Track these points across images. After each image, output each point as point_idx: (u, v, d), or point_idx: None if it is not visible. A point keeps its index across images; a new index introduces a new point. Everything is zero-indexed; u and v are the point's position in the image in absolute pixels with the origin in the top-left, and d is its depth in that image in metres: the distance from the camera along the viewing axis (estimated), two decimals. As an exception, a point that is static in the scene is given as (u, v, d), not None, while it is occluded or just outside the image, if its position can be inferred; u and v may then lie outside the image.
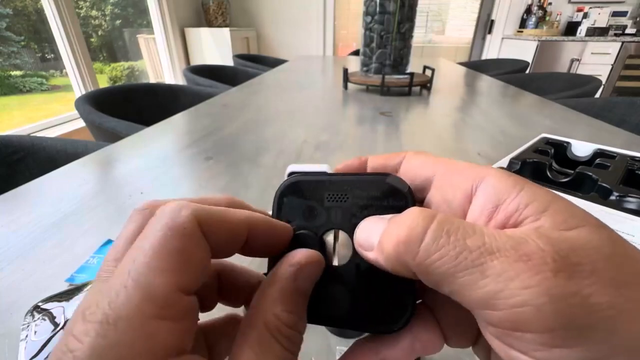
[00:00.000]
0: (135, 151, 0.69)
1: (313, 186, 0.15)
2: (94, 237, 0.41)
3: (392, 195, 0.14)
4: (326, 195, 0.15)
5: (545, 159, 0.35)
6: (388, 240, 0.12)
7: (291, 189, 0.16)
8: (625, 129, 0.82)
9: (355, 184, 0.15)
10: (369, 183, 0.14)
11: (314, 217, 0.15)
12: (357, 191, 0.15)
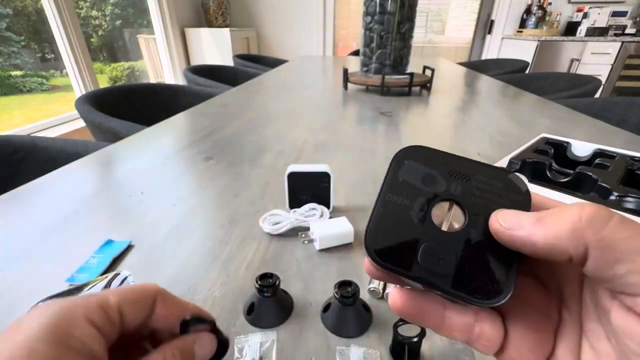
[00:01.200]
0: (135, 151, 0.69)
1: (440, 158, 0.17)
2: (94, 237, 0.41)
3: (512, 190, 0.15)
4: (449, 170, 0.16)
5: (545, 159, 0.35)
6: (561, 218, 0.12)
7: (417, 154, 0.17)
8: (625, 129, 0.82)
9: (480, 169, 0.16)
10: (493, 173, 0.16)
11: (433, 184, 0.16)
12: (480, 176, 0.16)
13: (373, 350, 0.28)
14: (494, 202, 0.15)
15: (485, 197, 0.16)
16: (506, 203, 0.15)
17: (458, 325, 0.15)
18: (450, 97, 1.20)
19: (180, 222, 0.45)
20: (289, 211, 0.44)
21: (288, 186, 0.45)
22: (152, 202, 0.49)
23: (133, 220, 0.45)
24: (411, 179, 0.17)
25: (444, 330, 0.16)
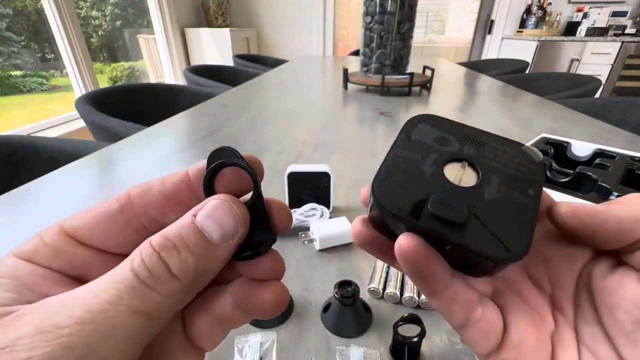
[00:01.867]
0: (135, 151, 0.69)
1: (454, 125, 0.17)
2: (94, 237, 0.41)
3: (526, 159, 0.16)
4: (463, 136, 0.17)
5: (545, 159, 0.35)
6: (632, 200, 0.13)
7: (430, 119, 0.17)
8: (625, 129, 0.82)
9: (493, 138, 0.17)
10: (506, 142, 0.17)
11: (447, 145, 0.16)
12: (494, 144, 0.17)
13: (373, 350, 0.28)
14: (508, 167, 0.16)
15: (498, 161, 0.16)
16: (521, 170, 0.15)
17: (462, 297, 0.14)
18: (450, 97, 1.20)
19: (180, 222, 0.45)
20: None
21: (288, 186, 0.45)
22: (152, 202, 0.49)
23: (133, 220, 0.45)
24: (424, 139, 0.16)
25: (444, 298, 0.14)
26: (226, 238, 0.12)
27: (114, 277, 0.11)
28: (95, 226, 0.13)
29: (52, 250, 0.13)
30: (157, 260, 0.11)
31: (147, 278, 0.11)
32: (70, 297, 0.11)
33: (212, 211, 0.12)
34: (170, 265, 0.11)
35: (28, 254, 0.13)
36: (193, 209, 0.13)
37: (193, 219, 0.12)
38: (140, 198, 0.14)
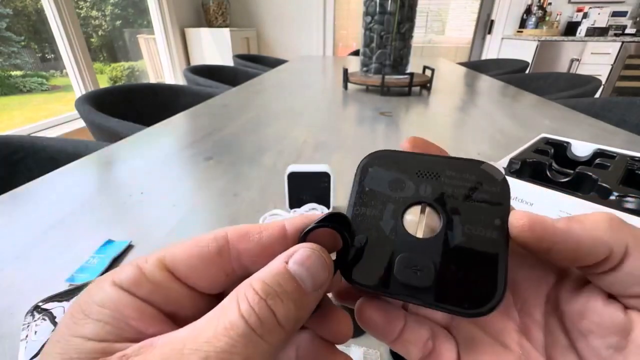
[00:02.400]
0: (135, 151, 0.69)
1: (403, 160, 0.15)
2: (94, 237, 0.41)
3: (487, 181, 0.14)
4: (416, 171, 0.15)
5: (545, 159, 0.35)
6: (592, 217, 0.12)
7: (380, 160, 0.16)
8: (625, 129, 0.82)
9: (449, 165, 0.15)
10: (463, 166, 0.15)
11: (401, 189, 0.15)
12: (450, 172, 0.15)
13: (373, 350, 0.28)
14: (469, 198, 0.14)
15: (458, 192, 0.14)
16: (484, 196, 0.14)
17: (415, 338, 0.14)
18: (450, 97, 1.20)
19: (180, 222, 0.45)
20: (289, 211, 0.44)
21: (288, 186, 0.45)
22: (152, 202, 0.49)
23: (133, 220, 0.45)
24: (378, 186, 0.15)
25: (400, 343, 0.15)
26: (316, 287, 0.12)
27: (222, 322, 0.10)
28: (194, 264, 0.13)
29: (153, 285, 0.13)
30: (266, 308, 0.11)
31: (257, 326, 0.11)
32: (178, 341, 0.10)
33: (304, 259, 0.12)
34: (276, 314, 0.11)
35: (129, 285, 0.12)
36: (282, 255, 0.13)
37: (285, 266, 0.12)
38: (237, 243, 0.14)
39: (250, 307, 0.11)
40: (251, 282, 0.12)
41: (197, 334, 0.10)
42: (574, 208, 0.28)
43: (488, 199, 0.14)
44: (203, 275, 0.13)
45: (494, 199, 0.14)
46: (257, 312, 0.11)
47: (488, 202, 0.14)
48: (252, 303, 0.11)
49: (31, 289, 0.33)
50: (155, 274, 0.13)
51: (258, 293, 0.11)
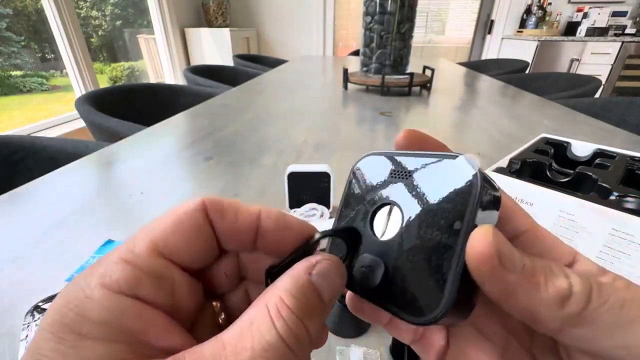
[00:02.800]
0: (135, 151, 0.69)
1: (384, 161, 0.15)
2: (94, 237, 0.41)
3: (457, 177, 0.12)
4: (390, 171, 0.15)
5: (545, 159, 0.35)
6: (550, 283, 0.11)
7: (365, 162, 0.16)
8: (625, 129, 0.82)
9: (423, 162, 0.14)
10: (436, 161, 0.13)
11: (376, 190, 0.15)
12: (422, 169, 0.14)
13: (373, 350, 0.28)
14: (433, 197, 0.13)
15: (424, 192, 0.13)
16: (449, 196, 0.12)
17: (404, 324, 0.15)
18: (450, 97, 1.20)
19: (180, 222, 0.45)
20: (289, 211, 0.44)
21: (288, 186, 0.45)
22: (152, 202, 0.49)
23: (133, 220, 0.45)
24: (360, 189, 0.16)
25: (393, 328, 0.15)
26: (333, 299, 0.12)
27: (259, 342, 0.10)
28: (186, 242, 0.12)
29: (155, 279, 0.11)
30: (302, 327, 0.11)
31: (295, 346, 0.10)
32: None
33: (326, 271, 0.12)
34: (309, 331, 0.11)
35: (128, 287, 0.10)
36: (304, 265, 0.12)
37: (310, 278, 0.12)
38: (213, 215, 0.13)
39: (287, 327, 0.10)
40: (281, 296, 0.11)
41: (232, 353, 0.10)
42: (574, 208, 0.28)
43: (452, 197, 0.12)
44: (195, 252, 0.12)
45: (458, 198, 0.12)
46: (294, 332, 0.10)
47: (451, 202, 0.12)
48: (290, 322, 0.10)
49: (31, 289, 0.33)
50: (153, 265, 0.11)
51: (293, 311, 0.11)
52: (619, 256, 0.26)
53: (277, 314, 0.10)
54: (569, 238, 0.29)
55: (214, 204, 0.13)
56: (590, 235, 0.27)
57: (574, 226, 0.28)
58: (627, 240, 0.25)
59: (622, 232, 0.25)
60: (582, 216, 0.27)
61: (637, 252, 0.25)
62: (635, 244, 0.25)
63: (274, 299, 0.11)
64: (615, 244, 0.26)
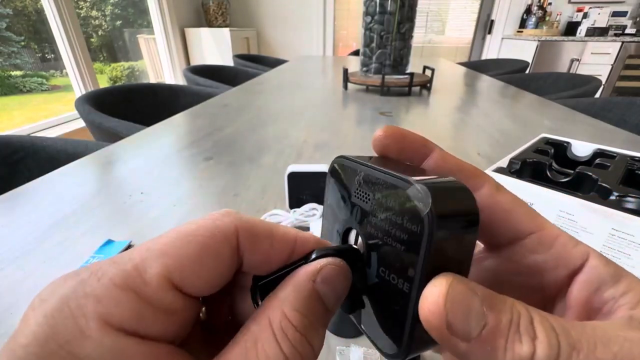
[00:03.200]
0: (135, 151, 0.69)
1: (350, 174, 0.14)
2: (94, 237, 0.41)
3: (409, 214, 0.10)
4: (354, 190, 0.13)
5: (545, 159, 0.35)
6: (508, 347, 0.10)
7: (333, 172, 0.15)
8: (625, 129, 0.82)
9: (382, 185, 0.12)
10: (392, 187, 0.11)
11: (342, 209, 0.14)
12: (379, 195, 0.12)
13: (373, 350, 0.28)
14: (389, 232, 0.11)
15: (381, 224, 0.12)
16: (401, 235, 0.11)
17: None
18: (450, 97, 1.20)
19: (180, 222, 0.45)
20: (289, 211, 0.44)
21: (288, 186, 0.45)
22: (152, 202, 0.49)
23: (133, 220, 0.45)
24: (332, 202, 0.15)
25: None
26: (337, 305, 0.12)
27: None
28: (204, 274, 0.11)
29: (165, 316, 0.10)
30: (307, 344, 0.10)
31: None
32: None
33: (331, 277, 0.11)
34: (314, 346, 0.11)
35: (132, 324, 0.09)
36: (308, 271, 0.11)
37: (314, 286, 0.11)
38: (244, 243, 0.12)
39: (293, 347, 0.10)
40: (285, 313, 0.10)
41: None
42: (574, 208, 0.28)
43: (405, 239, 0.11)
44: (214, 282, 0.11)
45: (411, 240, 0.10)
46: (300, 351, 0.10)
47: (405, 244, 0.11)
48: (295, 342, 0.10)
49: (31, 289, 0.33)
50: (165, 299, 0.10)
51: (298, 329, 0.10)
52: (619, 256, 0.26)
53: (282, 335, 0.10)
54: (569, 238, 0.29)
55: (247, 230, 0.11)
56: (590, 235, 0.27)
57: (574, 226, 0.28)
58: (627, 240, 0.25)
59: (622, 232, 0.25)
60: (582, 216, 0.27)
61: (637, 252, 0.25)
62: (635, 244, 0.25)
63: (277, 316, 0.10)
64: (615, 244, 0.26)
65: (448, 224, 0.10)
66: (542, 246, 0.12)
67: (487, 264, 0.14)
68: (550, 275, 0.12)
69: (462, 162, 0.14)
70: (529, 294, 0.12)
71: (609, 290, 0.11)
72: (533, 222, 0.12)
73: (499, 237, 0.13)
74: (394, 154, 0.14)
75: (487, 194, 0.13)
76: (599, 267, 0.11)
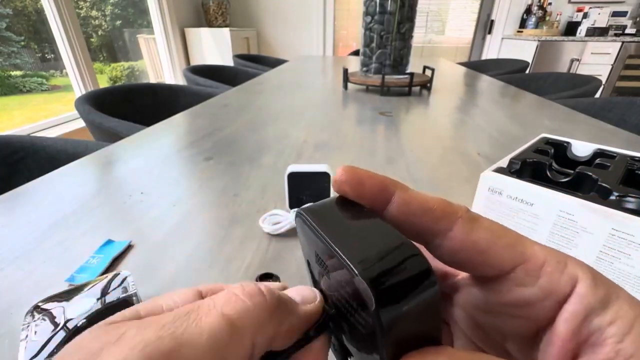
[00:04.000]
0: (135, 151, 0.69)
1: (309, 237, 0.13)
2: (94, 237, 0.41)
3: (362, 303, 0.10)
4: (316, 254, 0.13)
5: (545, 159, 0.35)
6: None
7: (299, 226, 0.14)
8: (625, 129, 0.82)
9: (336, 260, 0.11)
10: (343, 268, 0.11)
11: (313, 265, 0.14)
12: (334, 272, 0.12)
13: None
14: (350, 314, 0.12)
15: (342, 302, 0.12)
16: (360, 321, 0.11)
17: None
18: (450, 97, 1.20)
19: (180, 222, 0.45)
20: (289, 211, 0.44)
21: (288, 186, 0.45)
22: (152, 202, 0.49)
23: (133, 220, 0.45)
24: (303, 252, 0.15)
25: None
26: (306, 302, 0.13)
27: None
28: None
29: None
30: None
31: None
32: None
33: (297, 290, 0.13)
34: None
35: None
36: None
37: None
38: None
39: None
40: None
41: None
42: (574, 208, 0.28)
43: (363, 326, 0.11)
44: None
45: (368, 330, 0.11)
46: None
47: (365, 328, 0.11)
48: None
49: (31, 289, 0.33)
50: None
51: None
52: (619, 256, 0.26)
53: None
54: (569, 238, 0.29)
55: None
56: (590, 235, 0.27)
57: (574, 226, 0.28)
58: (627, 240, 0.25)
59: (622, 232, 0.25)
60: (582, 216, 0.27)
61: (637, 252, 0.25)
62: (635, 244, 0.25)
63: None
64: (615, 244, 0.26)
65: (401, 304, 0.10)
66: (528, 279, 0.12)
67: (476, 291, 0.13)
68: (539, 306, 0.12)
69: (428, 199, 0.13)
70: (521, 322, 0.12)
71: (596, 319, 0.11)
72: (515, 254, 0.12)
73: (482, 273, 0.13)
74: (353, 199, 0.13)
75: (460, 235, 0.12)
76: (587, 293, 0.11)
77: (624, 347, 0.10)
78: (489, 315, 0.11)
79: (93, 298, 0.28)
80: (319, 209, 0.13)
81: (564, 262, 0.11)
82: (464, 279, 0.14)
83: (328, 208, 0.13)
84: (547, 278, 0.11)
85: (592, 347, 0.10)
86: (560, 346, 0.11)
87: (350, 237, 0.11)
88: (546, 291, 0.11)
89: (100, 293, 0.28)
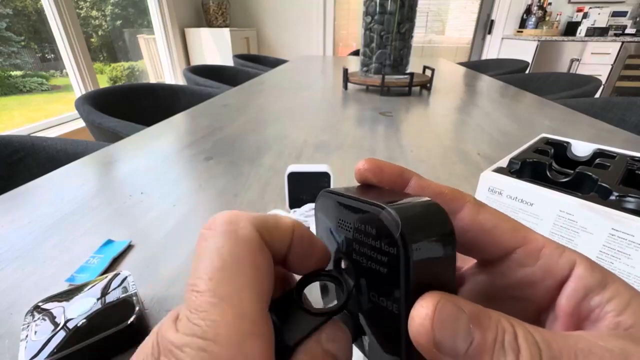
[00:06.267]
0: (135, 151, 0.69)
1: (332, 206, 0.14)
2: (94, 237, 0.41)
3: (386, 238, 0.11)
4: (338, 221, 0.14)
5: (545, 159, 0.35)
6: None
7: (320, 204, 0.15)
8: (625, 129, 0.82)
9: (359, 213, 0.12)
10: (368, 213, 0.12)
11: (331, 241, 0.15)
12: (359, 222, 0.12)
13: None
14: (371, 258, 0.12)
15: (364, 251, 0.12)
16: (382, 258, 0.11)
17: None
18: (450, 97, 1.20)
19: (180, 222, 0.45)
20: (289, 211, 0.44)
21: (288, 186, 0.45)
22: (152, 202, 0.49)
23: (133, 220, 0.45)
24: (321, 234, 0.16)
25: None
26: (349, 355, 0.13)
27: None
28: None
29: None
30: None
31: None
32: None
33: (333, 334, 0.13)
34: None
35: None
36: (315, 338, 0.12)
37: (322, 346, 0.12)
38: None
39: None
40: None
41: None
42: (574, 208, 0.28)
43: (386, 262, 0.11)
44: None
45: (392, 262, 0.11)
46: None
47: (387, 266, 0.11)
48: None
49: (31, 289, 0.33)
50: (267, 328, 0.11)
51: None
52: (619, 256, 0.26)
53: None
54: (569, 238, 0.29)
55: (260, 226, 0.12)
56: (590, 235, 0.27)
57: (574, 226, 0.28)
58: (627, 240, 0.25)
59: (622, 232, 0.25)
60: (582, 216, 0.27)
61: (637, 252, 0.25)
62: (635, 244, 0.25)
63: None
64: (615, 244, 0.26)
65: (423, 242, 0.10)
66: (529, 259, 0.12)
67: (482, 278, 0.14)
68: (540, 286, 0.12)
69: (441, 186, 0.14)
70: (524, 305, 0.13)
71: (596, 297, 0.11)
72: (517, 236, 0.13)
73: (487, 254, 0.13)
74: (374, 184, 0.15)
75: (468, 216, 0.13)
76: (585, 275, 0.12)
77: (624, 319, 0.10)
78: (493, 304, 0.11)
79: (93, 298, 0.28)
80: (344, 188, 0.14)
81: (562, 248, 0.12)
82: (469, 269, 0.15)
83: (352, 188, 0.14)
84: (547, 259, 0.12)
85: (593, 323, 0.11)
86: (563, 322, 0.12)
87: (375, 197, 0.12)
88: (546, 271, 0.12)
89: (100, 293, 0.28)
